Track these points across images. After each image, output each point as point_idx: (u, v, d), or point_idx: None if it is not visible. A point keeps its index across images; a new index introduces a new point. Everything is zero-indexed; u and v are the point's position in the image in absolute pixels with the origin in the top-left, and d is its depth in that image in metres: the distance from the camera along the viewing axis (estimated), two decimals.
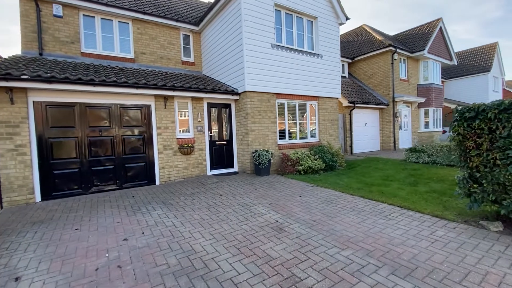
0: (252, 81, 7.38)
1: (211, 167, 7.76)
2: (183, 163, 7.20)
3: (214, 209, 4.59)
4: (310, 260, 2.80)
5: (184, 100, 7.30)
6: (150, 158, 6.77)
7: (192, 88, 6.92)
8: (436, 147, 8.52)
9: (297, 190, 5.66)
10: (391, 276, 2.48)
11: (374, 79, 14.23)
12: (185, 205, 4.87)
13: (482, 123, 3.38)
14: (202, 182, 6.68)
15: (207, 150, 7.67)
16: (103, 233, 3.66)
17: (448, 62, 16.06)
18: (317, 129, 9.24)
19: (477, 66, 20.65)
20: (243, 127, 7.66)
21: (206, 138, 7.64)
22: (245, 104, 7.48)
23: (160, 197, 5.52)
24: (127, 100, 6.45)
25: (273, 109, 7.94)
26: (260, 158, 6.99)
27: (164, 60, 9.08)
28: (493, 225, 3.44)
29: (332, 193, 5.38)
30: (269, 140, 7.86)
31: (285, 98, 8.27)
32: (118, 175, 6.34)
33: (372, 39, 14.62)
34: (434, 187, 5.67)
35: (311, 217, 4.05)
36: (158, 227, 3.84)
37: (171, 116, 7.00)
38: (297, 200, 4.94)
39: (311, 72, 8.73)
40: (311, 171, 7.64)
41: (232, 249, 3.09)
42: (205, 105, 7.66)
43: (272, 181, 6.57)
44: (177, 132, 7.18)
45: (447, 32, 15.36)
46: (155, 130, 6.81)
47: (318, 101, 9.15)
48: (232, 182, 6.56)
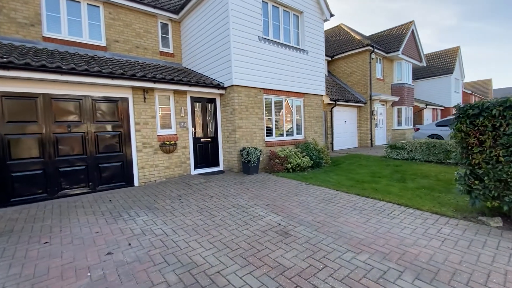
0: (239, 75, 6.99)
1: (195, 166, 7.25)
2: (164, 162, 6.62)
3: (208, 212, 4.19)
4: (328, 268, 2.56)
5: (165, 94, 6.69)
6: (128, 157, 6.11)
7: (175, 80, 6.36)
8: (415, 144, 8.85)
9: (291, 189, 5.43)
10: (417, 282, 2.33)
11: (352, 77, 14.55)
12: (173, 209, 4.39)
13: (486, 120, 3.39)
14: (188, 183, 6.19)
15: (191, 148, 7.16)
16: (80, 247, 3.10)
17: (418, 64, 16.98)
18: (303, 126, 9.13)
19: (441, 68, 22.19)
20: (230, 124, 7.26)
21: (189, 135, 7.11)
22: (232, 99, 7.08)
23: (142, 200, 4.96)
24: (101, 92, 5.72)
25: (260, 105, 7.63)
26: (249, 156, 6.65)
27: (140, 50, 8.31)
28: (493, 221, 3.49)
29: (327, 192, 5.24)
30: (256, 137, 7.55)
31: (272, 94, 8.00)
32: (91, 177, 5.61)
33: (350, 38, 14.92)
34: (422, 183, 5.79)
35: (314, 218, 3.83)
36: (146, 236, 3.36)
37: (151, 110, 6.37)
38: (295, 200, 4.70)
39: (297, 68, 8.56)
40: (299, 168, 7.48)
41: (239, 259, 2.75)
42: (189, 100, 7.13)
43: (263, 180, 6.28)
44: (158, 129, 6.58)
45: (418, 35, 16.20)
46: (133, 126, 6.15)
47: (303, 97, 9.03)
48: (221, 182, 6.15)
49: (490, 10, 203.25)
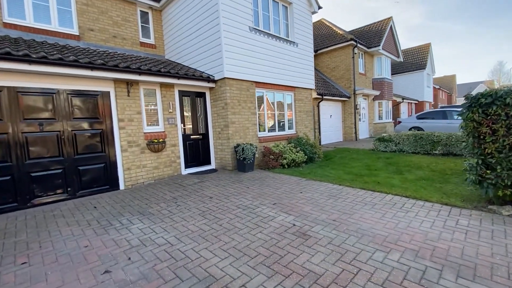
0: (231, 67, 6.59)
1: (185, 165, 6.76)
2: (153, 162, 6.07)
3: (211, 215, 3.81)
4: (363, 272, 2.33)
5: (151, 87, 6.12)
6: (112, 158, 5.49)
7: (162, 72, 5.81)
8: (403, 136, 9.03)
9: (294, 186, 5.19)
10: (461, 280, 2.17)
11: (336, 72, 14.64)
12: (171, 214, 3.95)
13: (499, 109, 3.35)
14: (180, 183, 5.71)
15: (181, 145, 6.65)
16: (69, 266, 2.60)
17: (396, 59, 17.54)
18: (294, 121, 8.94)
19: (415, 64, 23.21)
20: (222, 119, 6.84)
21: (178, 132, 6.60)
22: (224, 92, 6.66)
23: (133, 205, 4.44)
24: (78, 85, 5.05)
25: (252, 99, 7.29)
26: (244, 152, 6.31)
27: (118, 40, 7.57)
28: (504, 209, 3.49)
29: (331, 187, 5.06)
30: (249, 133, 7.21)
31: (263, 87, 7.68)
32: (69, 181, 4.96)
33: (333, 33, 14.97)
34: (419, 175, 5.83)
35: (328, 216, 3.60)
36: (147, 248, 2.92)
37: (136, 106, 5.78)
38: (301, 197, 4.46)
39: (287, 61, 8.31)
40: (294, 164, 7.28)
41: (263, 269, 2.43)
42: (177, 94, 6.59)
43: (261, 177, 5.97)
44: (144, 126, 6.00)
45: (396, 31, 16.69)
46: (116, 123, 5.54)
47: (294, 92, 8.82)
48: (217, 181, 5.75)
49: (452, 10, 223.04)
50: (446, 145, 8.12)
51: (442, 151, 8.21)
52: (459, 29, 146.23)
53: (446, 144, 8.12)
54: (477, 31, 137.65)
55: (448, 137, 8.07)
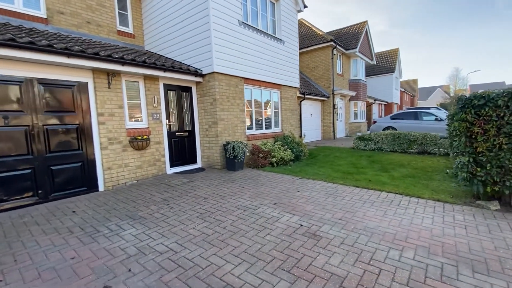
0: (221, 61, 6.31)
1: (171, 164, 6.36)
2: (136, 161, 5.60)
3: (211, 218, 3.57)
4: (385, 272, 2.29)
5: (134, 79, 5.63)
6: (90, 156, 4.95)
7: (147, 63, 5.37)
8: (382, 135, 9.43)
9: (289, 185, 5.11)
10: (478, 275, 2.22)
11: (316, 72, 14.91)
12: (165, 217, 3.63)
13: (491, 110, 3.55)
14: (168, 184, 5.34)
15: (166, 143, 6.23)
16: (56, 282, 2.23)
17: (370, 61, 18.36)
18: (280, 119, 8.89)
19: (385, 68, 24.56)
20: (210, 115, 6.54)
21: (163, 129, 6.17)
22: (212, 87, 6.37)
23: (119, 209, 4.03)
24: (51, 74, 4.45)
25: (241, 96, 7.08)
26: (235, 151, 6.09)
27: (92, 27, 6.87)
28: (492, 205, 3.73)
29: (325, 185, 5.06)
30: (238, 131, 7.00)
31: (251, 84, 7.51)
32: (41, 183, 4.36)
33: (313, 33, 15.21)
34: (404, 172, 6.08)
35: (333, 216, 3.56)
36: (148, 256, 2.62)
37: (117, 99, 5.28)
38: (300, 196, 4.38)
39: (275, 58, 8.22)
40: (283, 162, 7.23)
41: (283, 274, 2.29)
42: (162, 87, 6.16)
43: (253, 176, 5.81)
44: (127, 121, 5.51)
45: (371, 35, 17.46)
46: (95, 118, 5.00)
47: (280, 89, 8.76)
48: (208, 181, 5.47)
49: (411, 20, 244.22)
50: (422, 144, 8.63)
51: (417, 149, 8.72)
52: (417, 37, 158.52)
53: (421, 143, 8.63)
54: (435, 39, 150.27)
55: (423, 137, 8.58)
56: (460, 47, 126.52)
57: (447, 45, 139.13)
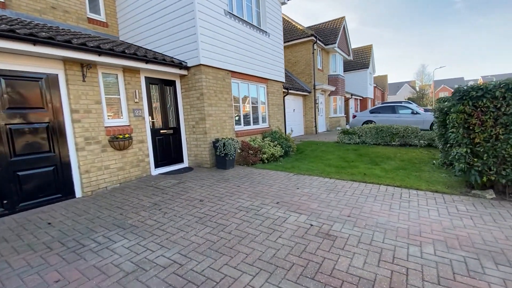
0: (207, 53, 5.92)
1: (155, 164, 5.88)
2: (117, 162, 5.08)
3: (213, 222, 3.26)
4: (412, 271, 2.18)
5: (112, 71, 5.07)
6: (64, 159, 4.37)
7: (127, 54, 4.85)
8: (366, 129, 9.62)
9: (286, 182, 4.92)
10: (503, 268, 2.19)
11: (297, 67, 14.88)
12: (160, 224, 3.26)
13: (488, 101, 3.61)
14: (156, 186, 4.90)
15: (149, 142, 5.73)
16: None
17: (347, 57, 18.77)
18: (267, 114, 8.68)
19: (359, 63, 25.31)
20: (197, 111, 6.14)
21: (146, 126, 5.67)
22: (199, 81, 5.96)
23: (103, 217, 3.57)
24: (13, 65, 3.81)
25: (229, 90, 6.74)
26: (226, 148, 5.77)
27: (58, 13, 6.10)
28: (487, 194, 3.84)
29: (323, 180, 4.95)
30: (226, 127, 6.67)
31: (238, 78, 7.19)
32: (5, 191, 3.74)
33: (293, 28, 15.13)
34: (394, 165, 6.18)
35: (341, 213, 3.43)
36: (149, 272, 2.28)
37: (94, 94, 4.70)
38: (301, 194, 4.21)
39: (260, 51, 7.95)
40: (273, 158, 7.04)
41: (307, 282, 2.08)
42: (143, 81, 5.63)
43: (247, 174, 5.54)
44: (105, 118, 4.96)
45: (348, 31, 17.79)
46: (68, 116, 4.41)
47: (267, 84, 8.54)
48: (199, 181, 5.11)
49: (380, 19, 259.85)
50: (403, 137, 8.91)
51: (399, 142, 9.00)
52: (387, 36, 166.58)
53: (403, 136, 8.91)
54: (402, 37, 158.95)
55: (405, 130, 8.86)
56: (425, 46, 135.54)
57: (413, 43, 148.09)
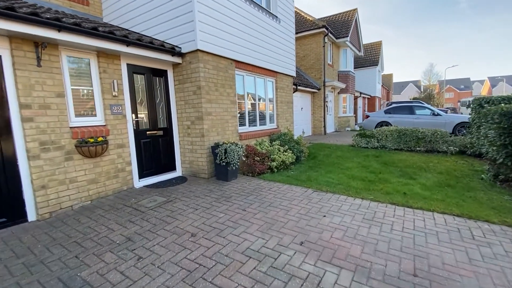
0: (206, 36, 4.75)
1: (140, 173, 4.73)
2: (87, 173, 3.93)
3: (208, 283, 2.12)
4: None
5: (81, 55, 3.90)
6: (8, 171, 3.23)
7: (99, 32, 3.68)
8: (386, 132, 8.48)
9: (306, 203, 3.78)
10: None
11: (306, 61, 13.68)
12: (128, 282, 2.12)
13: None
14: (136, 207, 3.75)
15: (132, 146, 4.58)
16: None
17: (358, 52, 17.53)
18: (275, 113, 7.52)
19: (368, 60, 24.05)
20: (193, 108, 4.98)
21: (129, 126, 4.51)
22: (196, 71, 4.80)
23: (50, 262, 2.43)
24: None
25: (232, 83, 5.58)
26: (228, 155, 4.62)
27: None
28: None
29: (353, 203, 3.80)
30: (229, 128, 5.52)
31: (244, 69, 6.02)
32: None
33: (303, 19, 13.89)
34: (432, 179, 5.05)
35: (400, 267, 2.29)
36: None
37: (55, 83, 3.54)
38: (331, 226, 3.07)
39: (270, 39, 6.78)
40: (283, 166, 5.91)
41: None
42: (124, 69, 4.46)
43: (254, 190, 4.40)
44: (71, 116, 3.80)
45: (360, 24, 16.54)
46: (16, 112, 3.26)
47: (276, 78, 7.37)
48: (192, 200, 3.96)
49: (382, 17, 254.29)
50: (430, 142, 7.78)
51: (425, 147, 7.86)
52: (388, 33, 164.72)
53: (430, 141, 7.77)
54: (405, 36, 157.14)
55: (433, 134, 7.72)
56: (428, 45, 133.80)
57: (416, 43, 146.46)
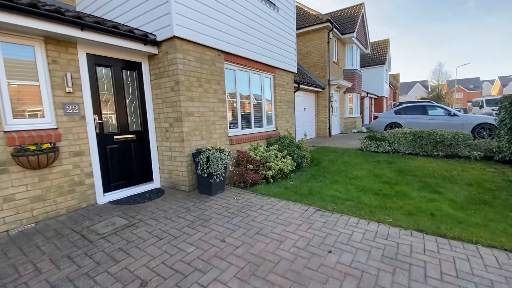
0: (186, 21, 3.93)
1: (105, 187, 3.91)
2: (31, 189, 3.13)
3: None
4: None
5: (22, 41, 3.11)
6: None
7: (42, 10, 2.89)
8: (398, 135, 7.55)
9: (305, 230, 2.90)
10: None
11: (309, 59, 12.80)
12: None
13: None
14: (86, 233, 2.93)
15: (94, 153, 3.77)
16: None
17: (364, 50, 16.57)
18: (274, 114, 6.67)
19: (375, 59, 23.04)
20: (171, 108, 4.16)
21: (89, 130, 3.70)
22: (173, 63, 3.98)
23: None
24: None
25: (220, 79, 4.75)
26: (210, 165, 3.78)
27: None
28: None
29: (369, 230, 2.91)
30: (216, 131, 4.68)
31: (235, 63, 5.18)
32: None
33: (305, 14, 13.04)
34: (461, 193, 4.15)
35: None
36: None
37: None
38: (338, 270, 2.20)
39: (267, 29, 5.94)
40: (282, 175, 5.05)
41: None
42: (83, 60, 3.65)
43: (241, 208, 3.54)
44: (7, 117, 3.01)
45: (367, 20, 15.61)
46: None
47: (274, 74, 6.52)
48: (160, 225, 3.12)
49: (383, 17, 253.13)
50: (450, 146, 6.83)
51: (445, 152, 6.92)
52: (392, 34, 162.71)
53: (450, 145, 6.83)
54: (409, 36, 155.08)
55: (453, 137, 6.77)
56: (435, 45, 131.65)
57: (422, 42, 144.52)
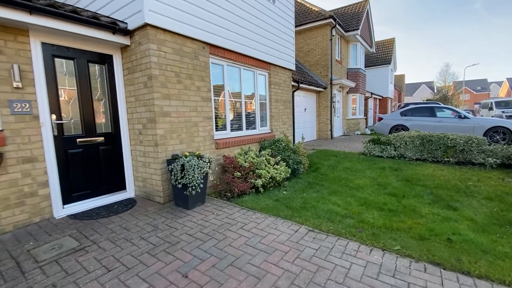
0: (161, 6, 3.39)
1: (66, 197, 3.38)
2: None
3: None
4: None
5: None
6: None
7: None
8: (405, 138, 6.94)
9: (292, 260, 2.33)
10: None
11: (310, 57, 12.21)
12: None
13: None
14: (23, 259, 2.39)
15: (50, 159, 3.23)
16: None
17: (369, 49, 15.92)
18: (268, 115, 6.10)
19: (380, 59, 22.33)
20: (144, 107, 3.62)
21: (44, 132, 3.17)
22: (146, 54, 3.44)
23: None
24: None
25: (205, 74, 4.20)
26: (185, 174, 3.23)
27: None
28: None
29: (372, 261, 2.34)
30: (199, 133, 4.13)
31: (223, 57, 4.63)
32: None
33: (307, 10, 12.46)
34: (481, 209, 3.55)
35: None
36: None
37: None
38: None
39: (261, 21, 5.38)
40: (274, 184, 4.49)
41: None
42: (37, 50, 3.12)
43: (218, 227, 2.98)
44: None
45: (372, 17, 14.96)
46: None
47: (269, 71, 5.95)
48: (115, 248, 2.57)
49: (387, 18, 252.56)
50: (463, 152, 6.20)
51: (457, 158, 6.29)
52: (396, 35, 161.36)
53: (462, 150, 6.20)
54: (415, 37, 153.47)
55: (467, 141, 6.15)
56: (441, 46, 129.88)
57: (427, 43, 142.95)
